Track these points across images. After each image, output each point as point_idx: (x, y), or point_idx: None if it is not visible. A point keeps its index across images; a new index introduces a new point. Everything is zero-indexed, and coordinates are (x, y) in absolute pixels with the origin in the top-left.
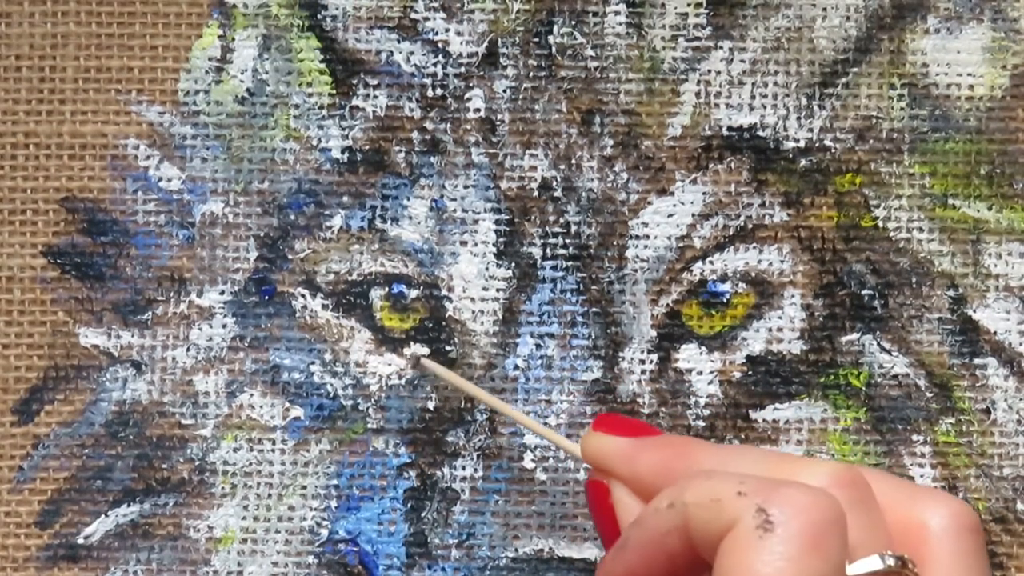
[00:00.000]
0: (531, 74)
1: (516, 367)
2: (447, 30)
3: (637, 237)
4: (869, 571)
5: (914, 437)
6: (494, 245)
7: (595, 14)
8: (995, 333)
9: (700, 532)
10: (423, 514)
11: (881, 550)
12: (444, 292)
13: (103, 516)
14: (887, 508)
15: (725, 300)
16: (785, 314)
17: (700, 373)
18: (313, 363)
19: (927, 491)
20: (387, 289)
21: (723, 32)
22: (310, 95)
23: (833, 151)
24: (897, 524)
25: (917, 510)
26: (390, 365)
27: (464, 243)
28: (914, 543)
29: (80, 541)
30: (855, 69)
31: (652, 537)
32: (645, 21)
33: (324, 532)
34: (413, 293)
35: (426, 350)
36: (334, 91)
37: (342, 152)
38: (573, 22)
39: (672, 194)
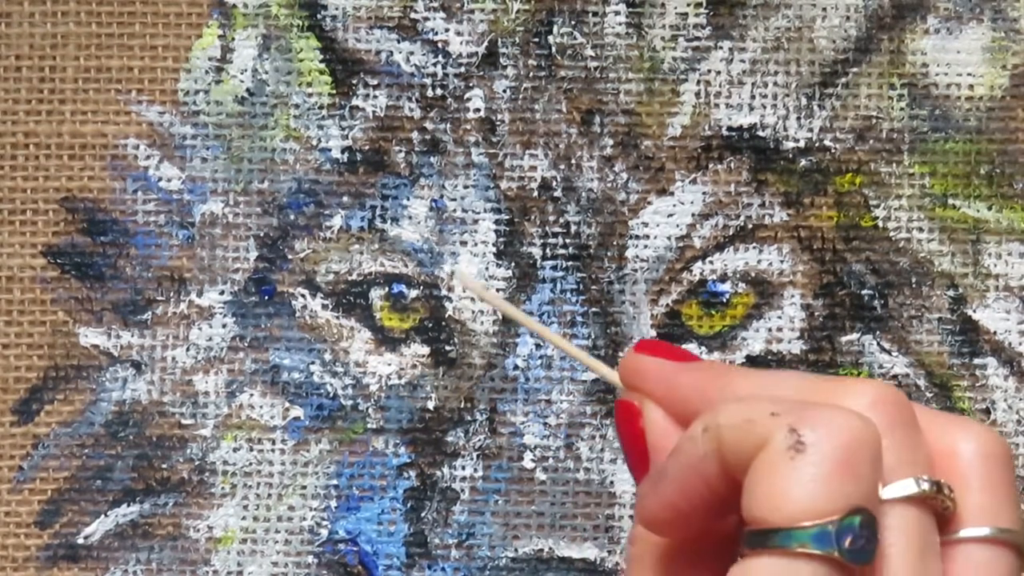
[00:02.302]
0: (531, 74)
1: (516, 367)
2: (447, 30)
3: (637, 237)
4: (904, 495)
5: None
6: (494, 245)
7: (595, 14)
8: (995, 333)
9: (733, 454)
10: (423, 514)
11: (918, 474)
12: (444, 292)
13: (103, 516)
14: None
15: (725, 300)
16: (785, 314)
17: None
18: (313, 363)
19: (957, 419)
20: (387, 289)
21: (723, 32)
22: (310, 95)
23: (833, 151)
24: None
25: (948, 438)
26: (390, 365)
27: (464, 243)
28: (944, 470)
29: (80, 541)
30: (855, 69)
31: (689, 463)
32: (645, 21)
33: (324, 532)
34: (413, 293)
35: (470, 268)
36: (334, 91)
37: (342, 152)
38: (573, 22)
39: (672, 194)
